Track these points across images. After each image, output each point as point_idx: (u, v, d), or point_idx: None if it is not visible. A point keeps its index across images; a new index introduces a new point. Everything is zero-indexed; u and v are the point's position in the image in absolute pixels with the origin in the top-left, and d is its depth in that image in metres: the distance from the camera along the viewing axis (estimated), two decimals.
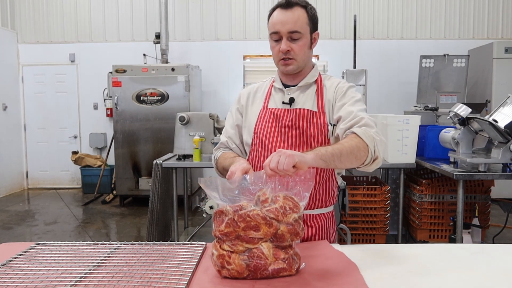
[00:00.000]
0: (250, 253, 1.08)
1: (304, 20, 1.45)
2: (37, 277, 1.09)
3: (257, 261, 1.07)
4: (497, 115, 2.77)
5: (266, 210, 1.08)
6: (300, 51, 1.46)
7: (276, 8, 1.47)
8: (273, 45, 1.49)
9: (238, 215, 1.08)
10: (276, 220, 1.08)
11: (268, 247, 1.09)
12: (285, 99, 1.54)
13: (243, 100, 1.65)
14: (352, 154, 1.29)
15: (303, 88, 1.55)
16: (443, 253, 1.33)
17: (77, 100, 6.98)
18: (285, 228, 1.09)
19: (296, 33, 1.43)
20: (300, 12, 1.44)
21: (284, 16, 1.43)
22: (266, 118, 1.56)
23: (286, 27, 1.42)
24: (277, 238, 1.09)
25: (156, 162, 3.61)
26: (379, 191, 3.59)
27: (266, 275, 1.08)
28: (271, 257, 1.08)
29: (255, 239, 1.08)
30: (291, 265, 1.10)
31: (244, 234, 1.08)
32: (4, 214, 5.47)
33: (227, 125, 1.68)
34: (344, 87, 1.53)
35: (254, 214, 1.08)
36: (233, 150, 1.64)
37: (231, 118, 1.67)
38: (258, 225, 1.08)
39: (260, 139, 1.55)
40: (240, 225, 1.08)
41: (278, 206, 1.09)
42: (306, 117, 1.50)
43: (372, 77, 5.73)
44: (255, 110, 1.60)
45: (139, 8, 6.80)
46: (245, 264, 1.07)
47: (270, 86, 1.62)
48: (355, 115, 1.42)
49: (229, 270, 1.08)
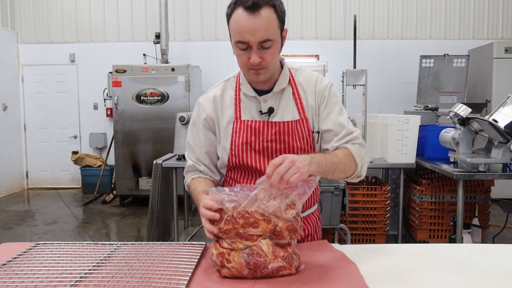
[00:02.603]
0: (249, 250, 1.08)
1: (275, 24, 1.24)
2: (37, 277, 1.09)
3: (257, 259, 1.07)
4: (497, 115, 2.77)
5: (265, 206, 1.09)
6: (273, 59, 1.29)
7: (238, 7, 1.22)
8: (239, 54, 1.29)
9: (237, 212, 1.08)
10: (274, 216, 1.09)
11: (268, 244, 1.09)
12: (263, 109, 1.38)
13: (209, 111, 1.42)
14: (344, 171, 1.31)
15: (278, 93, 1.39)
16: (443, 253, 1.33)
17: (77, 100, 6.98)
18: (283, 224, 1.09)
19: (268, 41, 1.23)
20: (270, 14, 1.22)
21: (253, 23, 1.21)
22: (242, 133, 1.37)
23: (256, 36, 1.22)
24: (276, 235, 1.09)
25: (156, 162, 3.61)
26: (379, 191, 3.59)
27: (266, 273, 1.08)
28: (271, 255, 1.08)
29: (254, 236, 1.09)
30: (290, 263, 1.10)
31: (243, 231, 1.08)
32: (4, 214, 5.47)
33: (192, 143, 1.46)
34: (324, 89, 1.41)
35: (252, 210, 1.08)
36: (203, 172, 1.45)
37: (196, 134, 1.45)
38: (256, 221, 1.08)
39: (238, 157, 1.38)
40: (239, 222, 1.08)
41: (276, 202, 1.10)
42: (289, 130, 1.37)
43: (372, 77, 5.72)
44: (226, 123, 1.40)
45: (139, 8, 6.80)
46: (245, 261, 1.08)
47: (237, 89, 1.41)
48: (347, 131, 1.37)
49: (229, 268, 1.08)
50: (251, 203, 1.09)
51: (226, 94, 1.43)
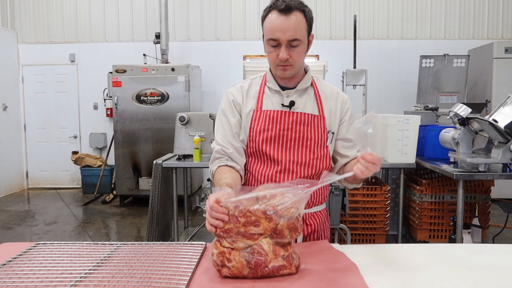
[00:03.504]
0: (250, 249, 1.08)
1: (303, 26, 1.39)
2: (37, 277, 1.09)
3: (257, 258, 1.08)
4: (497, 115, 2.77)
5: (266, 205, 1.09)
6: (299, 57, 1.42)
7: (272, 10, 1.39)
8: (270, 51, 1.43)
9: (239, 210, 1.09)
10: (275, 215, 1.09)
11: (268, 243, 1.09)
12: (285, 102, 1.50)
13: (237, 97, 1.54)
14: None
15: (301, 91, 1.52)
16: (443, 253, 1.33)
17: (77, 100, 6.98)
18: (284, 223, 1.10)
19: (296, 40, 1.38)
20: (299, 17, 1.38)
21: (284, 22, 1.36)
22: (261, 121, 1.49)
23: (286, 35, 1.36)
24: (276, 234, 1.10)
25: (156, 162, 3.61)
26: (379, 191, 3.59)
27: (266, 272, 1.08)
28: (271, 254, 1.09)
29: (255, 235, 1.09)
30: (290, 262, 1.11)
31: (245, 230, 1.09)
32: (4, 214, 5.47)
33: (221, 129, 1.54)
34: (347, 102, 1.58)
35: (254, 208, 1.08)
36: (231, 156, 1.50)
37: (224, 118, 1.54)
38: (258, 220, 1.08)
39: (256, 143, 1.49)
40: (240, 221, 1.09)
41: (277, 201, 1.10)
42: (307, 121, 1.49)
43: (372, 77, 5.73)
44: (247, 111, 1.52)
45: (139, 8, 6.80)
46: (246, 261, 1.08)
47: (262, 85, 1.54)
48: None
49: (229, 268, 1.08)
50: (253, 202, 1.09)
51: (252, 88, 1.56)
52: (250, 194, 1.12)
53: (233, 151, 1.50)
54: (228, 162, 1.48)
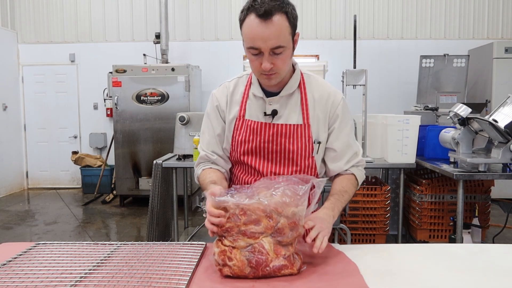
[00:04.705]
0: (251, 248, 1.08)
1: (286, 30, 1.25)
2: (37, 277, 1.09)
3: (259, 257, 1.07)
4: (497, 115, 2.77)
5: (266, 203, 1.09)
6: (284, 64, 1.30)
7: (250, 13, 1.23)
8: (251, 58, 1.30)
9: (239, 209, 1.09)
10: (276, 213, 1.09)
11: (269, 242, 1.09)
12: (267, 111, 1.40)
13: (222, 102, 1.47)
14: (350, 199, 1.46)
15: (286, 97, 1.41)
16: (443, 253, 1.33)
17: (77, 100, 6.98)
18: (285, 221, 1.09)
19: (280, 48, 1.24)
20: (282, 21, 1.22)
21: (265, 30, 1.21)
22: (243, 131, 1.42)
23: (268, 44, 1.23)
24: (277, 232, 1.09)
25: (156, 162, 3.61)
26: (379, 191, 3.59)
27: (267, 272, 1.08)
28: (272, 253, 1.08)
29: (256, 234, 1.09)
30: (292, 262, 1.10)
31: (245, 228, 1.08)
32: (4, 214, 5.47)
33: (206, 134, 1.50)
34: (338, 106, 1.42)
35: (254, 207, 1.08)
36: (215, 163, 1.48)
37: (209, 123, 1.50)
38: (258, 218, 1.08)
39: (238, 153, 1.44)
40: (241, 219, 1.08)
41: (277, 199, 1.09)
42: (289, 133, 1.39)
43: (372, 77, 5.71)
44: (231, 118, 1.45)
45: (139, 8, 6.80)
46: (247, 260, 1.08)
47: (247, 88, 1.45)
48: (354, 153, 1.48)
49: (230, 267, 1.08)
50: (253, 201, 1.09)
51: (237, 90, 1.47)
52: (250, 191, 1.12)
53: (217, 157, 1.48)
54: (213, 165, 1.49)
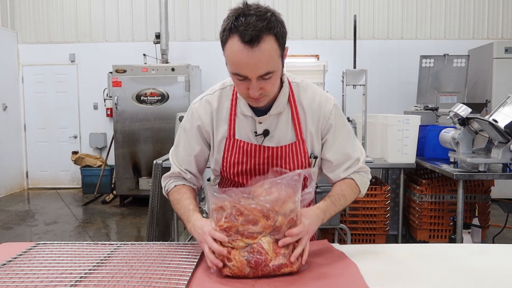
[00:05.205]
0: (250, 248, 1.08)
1: (275, 54, 1.12)
2: (37, 277, 1.09)
3: (258, 257, 1.07)
4: (497, 115, 2.77)
5: (262, 202, 1.07)
6: (273, 86, 1.19)
7: (233, 36, 1.08)
8: (237, 83, 1.18)
9: (236, 209, 1.08)
10: (273, 212, 1.08)
11: (268, 242, 1.08)
12: (258, 130, 1.30)
13: (205, 122, 1.33)
14: (347, 204, 1.39)
15: (276, 115, 1.30)
16: (443, 253, 1.33)
17: (77, 100, 6.98)
18: (283, 219, 1.09)
19: (269, 73, 1.13)
20: (270, 44, 1.09)
21: (251, 58, 1.08)
22: (235, 152, 1.32)
23: (256, 72, 1.11)
24: (276, 231, 1.09)
25: (156, 162, 3.61)
26: (379, 191, 3.59)
27: (267, 271, 1.08)
28: (271, 252, 1.08)
29: (255, 234, 1.08)
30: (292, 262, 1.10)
31: (243, 229, 1.08)
32: (4, 214, 5.47)
33: (181, 150, 1.38)
34: (330, 115, 1.32)
35: (251, 207, 1.07)
36: (188, 181, 1.40)
37: (187, 143, 1.37)
38: (256, 218, 1.07)
39: (230, 174, 1.35)
40: (238, 219, 1.07)
41: (274, 197, 1.09)
42: (284, 153, 1.31)
43: (372, 77, 5.71)
44: (220, 138, 1.33)
45: (139, 8, 6.80)
46: (246, 260, 1.07)
47: (233, 103, 1.32)
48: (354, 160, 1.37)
49: (230, 267, 1.08)
50: (249, 200, 1.09)
51: (222, 106, 1.33)
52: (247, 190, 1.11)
53: (191, 176, 1.40)
54: (186, 182, 1.40)
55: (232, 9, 1.12)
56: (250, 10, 1.09)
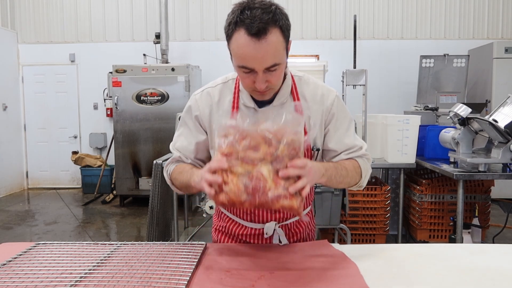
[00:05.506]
0: (249, 175, 1.05)
1: (281, 46, 1.14)
2: (37, 277, 1.09)
3: (256, 183, 1.04)
4: (497, 115, 2.77)
5: (265, 129, 1.06)
6: (279, 78, 1.21)
7: (239, 29, 1.10)
8: (242, 76, 1.19)
9: (239, 134, 1.06)
10: (275, 139, 1.06)
11: (268, 170, 1.05)
12: None
13: (203, 115, 1.34)
14: (348, 183, 1.33)
15: (279, 105, 1.31)
16: (443, 253, 1.33)
17: (77, 100, 6.98)
18: (284, 149, 1.06)
19: (275, 65, 1.14)
20: (275, 37, 1.10)
21: (258, 50, 1.09)
22: None
23: (263, 64, 1.12)
24: (277, 161, 1.06)
25: (156, 162, 3.61)
26: (379, 191, 3.59)
27: (265, 200, 1.04)
28: (271, 181, 1.04)
29: (255, 161, 1.06)
30: (292, 195, 1.05)
31: (244, 154, 1.06)
32: (4, 214, 5.47)
33: (182, 138, 1.39)
34: (331, 106, 1.33)
35: (253, 133, 1.06)
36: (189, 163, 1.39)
37: (185, 131, 1.38)
38: (257, 145, 1.06)
39: None
40: (240, 144, 1.06)
41: (277, 126, 1.07)
42: None
43: (372, 77, 5.72)
44: None
45: (139, 8, 6.80)
46: (244, 185, 1.04)
47: (235, 97, 1.32)
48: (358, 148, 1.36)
49: (227, 193, 1.04)
50: (253, 127, 1.07)
51: (224, 99, 1.34)
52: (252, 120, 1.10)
53: (191, 161, 1.39)
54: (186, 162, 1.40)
55: (236, 4, 1.13)
56: (255, 3, 1.10)
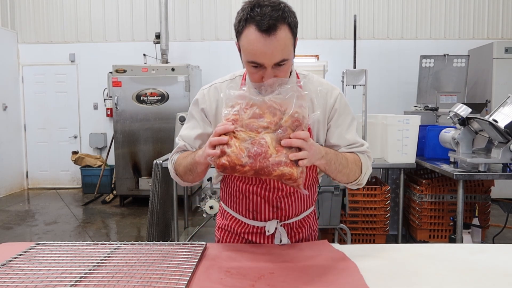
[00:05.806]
0: (252, 141, 1.07)
1: (290, 42, 1.18)
2: (37, 277, 1.09)
3: (258, 148, 1.06)
4: (497, 115, 2.77)
5: (271, 99, 1.10)
6: (286, 74, 1.24)
7: (250, 25, 1.14)
8: (251, 71, 1.22)
9: (246, 102, 1.10)
10: (280, 110, 1.09)
11: (271, 138, 1.08)
12: None
13: (210, 108, 1.38)
14: (347, 175, 1.32)
15: None
16: (443, 253, 1.33)
17: (77, 100, 6.98)
18: (288, 119, 1.09)
19: (284, 61, 1.18)
20: (284, 33, 1.15)
21: (268, 46, 1.14)
22: None
23: (272, 60, 1.16)
24: (280, 130, 1.09)
25: (156, 162, 3.61)
26: (379, 191, 3.59)
27: (265, 165, 1.05)
28: (273, 148, 1.07)
29: (259, 128, 1.09)
30: (293, 163, 1.07)
31: (249, 122, 1.09)
32: (4, 214, 5.47)
33: (189, 129, 1.42)
34: (335, 103, 1.37)
35: (259, 102, 1.10)
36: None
37: (193, 122, 1.41)
38: (262, 113, 1.09)
39: None
40: (246, 112, 1.09)
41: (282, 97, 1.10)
42: None
43: (372, 77, 5.72)
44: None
45: (139, 8, 6.80)
46: (245, 149, 1.06)
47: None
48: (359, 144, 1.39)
49: (229, 155, 1.06)
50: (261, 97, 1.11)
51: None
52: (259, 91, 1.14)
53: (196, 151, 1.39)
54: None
55: (246, 1, 1.18)
56: (265, 1, 1.15)
